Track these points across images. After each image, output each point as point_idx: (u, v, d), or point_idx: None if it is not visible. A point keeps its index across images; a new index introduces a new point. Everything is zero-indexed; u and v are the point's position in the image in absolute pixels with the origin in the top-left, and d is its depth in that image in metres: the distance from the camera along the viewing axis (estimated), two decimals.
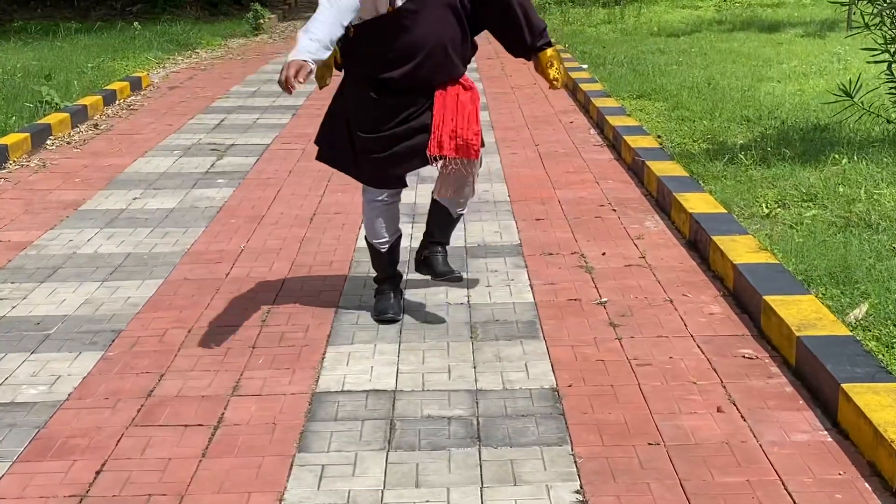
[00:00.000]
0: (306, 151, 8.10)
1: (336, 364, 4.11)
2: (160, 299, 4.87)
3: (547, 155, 7.84)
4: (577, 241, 5.68)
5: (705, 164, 6.72)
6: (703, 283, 4.97)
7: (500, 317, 4.58)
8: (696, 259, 5.31)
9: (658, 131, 7.97)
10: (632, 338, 4.31)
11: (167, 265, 5.37)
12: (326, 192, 6.84)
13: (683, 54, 12.15)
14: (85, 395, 3.87)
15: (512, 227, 5.97)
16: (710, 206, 5.73)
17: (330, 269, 5.26)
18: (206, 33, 16.15)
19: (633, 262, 5.29)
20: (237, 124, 9.34)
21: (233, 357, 4.19)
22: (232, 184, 7.10)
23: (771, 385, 3.86)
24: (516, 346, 4.26)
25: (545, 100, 10.30)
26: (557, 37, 14.87)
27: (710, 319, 4.50)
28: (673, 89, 9.58)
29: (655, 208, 6.28)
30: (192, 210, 6.44)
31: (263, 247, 5.66)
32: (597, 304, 4.71)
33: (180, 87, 11.71)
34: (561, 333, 4.38)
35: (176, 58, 14.03)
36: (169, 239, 5.83)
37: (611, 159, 7.65)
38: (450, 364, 4.09)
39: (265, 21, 17.86)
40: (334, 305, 4.74)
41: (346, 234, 5.87)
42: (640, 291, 4.86)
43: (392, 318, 4.47)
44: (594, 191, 6.74)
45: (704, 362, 4.06)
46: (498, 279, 5.08)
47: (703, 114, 8.42)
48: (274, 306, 4.75)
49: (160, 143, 8.48)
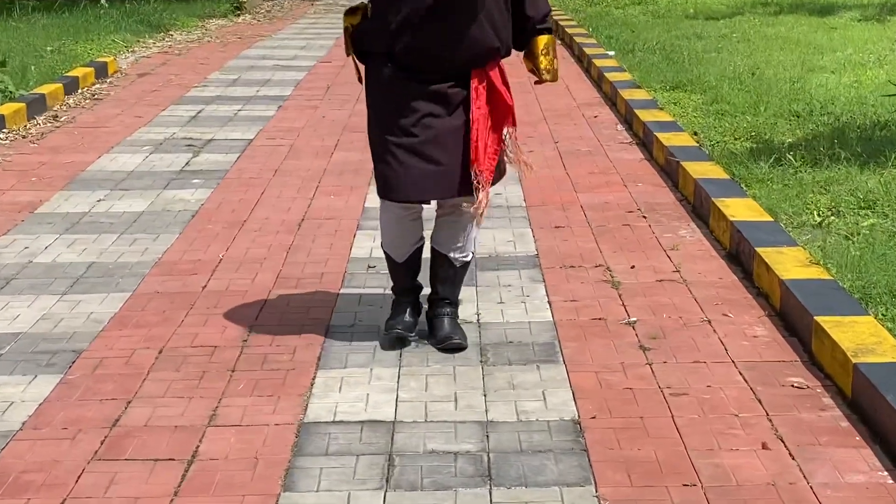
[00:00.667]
0: (294, 147, 8.11)
1: (327, 390, 4.10)
2: (127, 315, 4.87)
3: (568, 154, 7.84)
4: (601, 251, 5.68)
5: (748, 166, 6.72)
6: (746, 301, 4.96)
7: (514, 338, 4.58)
8: (738, 274, 5.31)
9: (695, 127, 7.97)
10: (664, 363, 4.31)
11: (135, 277, 5.37)
12: (317, 194, 6.85)
13: (724, 40, 12.16)
14: (41, 424, 3.87)
15: (528, 235, 5.97)
16: (753, 214, 5.73)
17: (320, 283, 5.26)
18: (182, 13, 16.21)
19: (665, 277, 5.28)
20: (216, 116, 9.36)
21: (209, 382, 4.19)
22: (209, 184, 7.11)
23: (823, 418, 3.85)
24: (532, 371, 4.25)
25: (566, 91, 10.32)
26: (580, 19, 14.92)
27: (754, 343, 4.49)
28: (712, 80, 9.59)
29: (692, 215, 6.28)
30: (164, 214, 6.45)
31: (245, 256, 5.67)
32: (624, 325, 4.70)
33: (152, 73, 11.73)
34: (583, 357, 4.37)
35: (147, 41, 14.07)
36: (137, 247, 5.84)
37: (641, 159, 7.65)
38: (456, 391, 4.08)
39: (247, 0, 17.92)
40: (325, 324, 4.74)
41: (339, 241, 5.88)
42: (674, 310, 4.86)
43: (400, 336, 4.46)
44: (622, 195, 6.74)
45: (747, 392, 4.05)
46: (511, 295, 5.08)
47: (747, 108, 8.43)
48: (256, 324, 4.75)
49: (128, 138, 8.50)
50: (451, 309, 4.54)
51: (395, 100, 4.18)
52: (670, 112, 8.51)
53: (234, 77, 11.52)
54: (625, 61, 11.06)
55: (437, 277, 4.56)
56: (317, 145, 8.19)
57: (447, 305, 4.54)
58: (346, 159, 7.71)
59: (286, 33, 15.66)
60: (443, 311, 4.52)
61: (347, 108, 9.49)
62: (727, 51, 11.35)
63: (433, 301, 4.57)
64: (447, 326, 4.48)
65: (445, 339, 4.43)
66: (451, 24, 4.07)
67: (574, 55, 12.64)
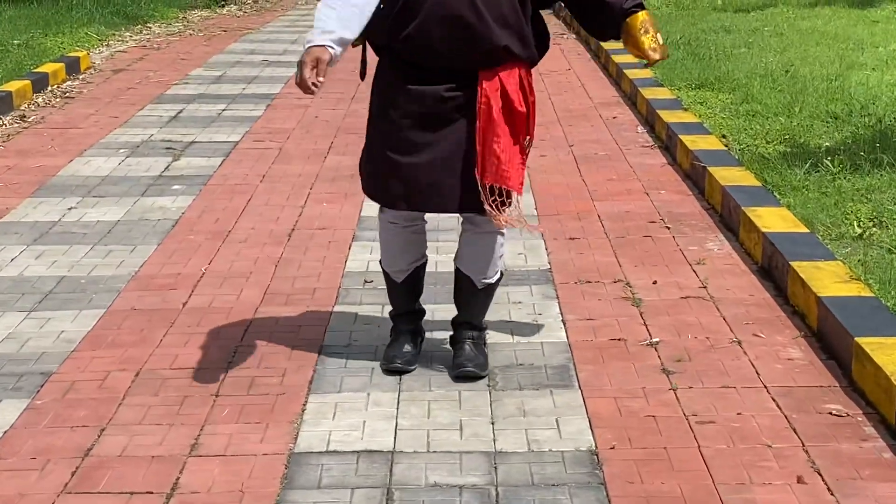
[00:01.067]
0: (284, 150, 8.13)
1: (320, 417, 4.10)
2: (101, 334, 4.88)
3: (584, 158, 7.85)
4: (621, 266, 5.68)
5: (782, 172, 6.72)
6: (780, 320, 4.96)
7: (525, 360, 4.58)
8: (771, 290, 5.31)
9: (723, 130, 7.98)
10: (690, 388, 4.30)
11: (110, 292, 5.38)
12: (308, 201, 6.86)
13: (754, 34, 12.18)
14: (7, 453, 3.87)
15: (540, 247, 5.98)
16: (788, 224, 5.74)
17: (312, 299, 5.26)
18: (161, 4, 16.26)
19: (691, 294, 5.28)
20: (198, 117, 9.38)
21: (191, 407, 4.19)
22: (191, 191, 7.12)
23: (864, 450, 3.84)
24: (545, 397, 4.25)
25: (581, 89, 10.33)
26: None
27: (789, 366, 4.49)
28: (741, 77, 9.60)
29: (719, 226, 6.29)
30: (142, 223, 6.46)
31: (230, 270, 5.67)
32: (646, 346, 4.70)
33: (128, 70, 11.76)
34: (601, 382, 4.37)
35: (123, 34, 14.11)
36: (112, 259, 5.84)
37: (664, 164, 7.66)
38: (462, 419, 4.08)
39: None
40: (318, 344, 4.74)
41: (333, 254, 5.88)
42: (701, 330, 4.86)
43: (400, 369, 4.43)
44: (643, 203, 6.75)
45: (781, 420, 4.05)
46: (522, 313, 5.08)
47: (780, 108, 8.44)
48: (242, 344, 4.75)
49: (102, 140, 8.52)
50: (473, 333, 4.51)
51: (395, 98, 4.18)
52: (696, 113, 8.52)
53: (217, 73, 11.55)
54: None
55: (459, 299, 4.55)
56: (308, 148, 8.20)
57: (469, 329, 4.51)
58: (341, 164, 7.72)
59: (275, 26, 15.70)
60: (464, 335, 4.50)
61: (342, 108, 9.49)
62: (758, 46, 11.36)
63: (456, 324, 4.56)
64: (466, 353, 4.45)
65: (458, 366, 4.41)
66: (452, 18, 4.06)
67: (590, 51, 12.67)
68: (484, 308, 4.57)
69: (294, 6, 18.19)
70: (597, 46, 12.32)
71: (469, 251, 4.43)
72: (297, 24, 15.71)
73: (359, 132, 8.09)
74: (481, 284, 4.47)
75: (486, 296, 4.52)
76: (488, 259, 4.43)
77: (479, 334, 4.53)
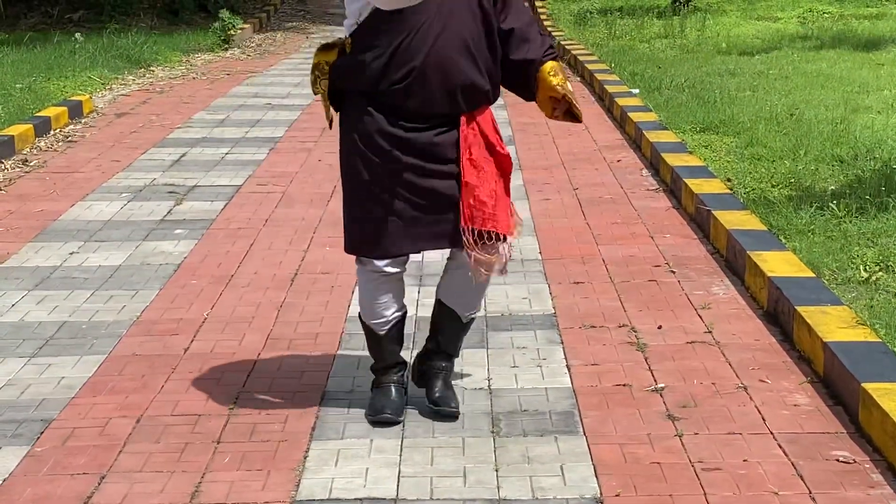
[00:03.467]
0: (287, 194, 8.15)
1: (322, 464, 4.10)
2: (102, 380, 4.88)
3: (588, 202, 7.87)
4: (625, 310, 5.68)
5: (787, 216, 6.73)
6: (786, 365, 4.96)
7: (530, 406, 4.58)
8: (777, 335, 5.31)
9: (728, 173, 8.00)
10: (696, 435, 4.30)
11: (111, 337, 5.38)
12: (311, 246, 6.87)
13: (759, 77, 12.23)
14: (6, 501, 3.86)
15: (544, 291, 5.98)
16: (793, 269, 5.74)
17: (315, 345, 5.27)
18: (164, 47, 16.36)
19: (696, 339, 5.28)
20: (201, 161, 9.42)
21: (192, 454, 4.18)
22: (193, 235, 7.14)
23: (872, 497, 3.83)
24: (549, 443, 4.25)
25: (586, 132, 10.37)
26: (601, 54, 15.01)
27: (795, 412, 4.49)
28: (746, 121, 9.63)
29: (725, 270, 6.29)
30: (144, 268, 6.48)
31: (232, 315, 5.68)
32: (651, 392, 4.70)
33: (131, 113, 11.82)
34: (606, 428, 4.36)
35: (126, 77, 14.19)
36: (114, 304, 5.85)
37: (668, 208, 7.67)
38: (465, 466, 4.08)
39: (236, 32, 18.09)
40: (320, 390, 4.74)
41: (336, 299, 5.89)
42: (707, 376, 4.86)
43: (390, 420, 4.41)
44: (647, 247, 6.76)
45: (788, 467, 4.04)
46: (526, 358, 5.08)
47: (785, 152, 8.46)
48: (244, 390, 4.75)
49: (105, 184, 8.55)
50: (447, 364, 4.56)
51: (374, 146, 4.20)
52: (701, 156, 8.54)
53: (221, 117, 11.60)
54: (650, 100, 11.12)
55: (438, 330, 4.57)
56: (312, 192, 8.23)
57: (445, 360, 4.55)
58: None
59: (279, 69, 15.79)
60: (438, 365, 4.54)
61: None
62: (763, 89, 11.41)
63: (430, 352, 4.58)
64: (440, 387, 4.50)
65: (440, 402, 4.45)
66: (450, 62, 4.11)
67: (595, 93, 12.73)
68: (462, 339, 4.62)
69: (297, 50, 18.29)
70: (601, 89, 12.37)
71: (457, 285, 4.45)
72: (300, 68, 15.79)
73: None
74: (466, 318, 4.53)
75: (468, 327, 4.60)
76: (477, 293, 4.48)
77: (450, 366, 4.58)
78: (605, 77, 12.78)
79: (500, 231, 4.26)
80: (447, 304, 4.51)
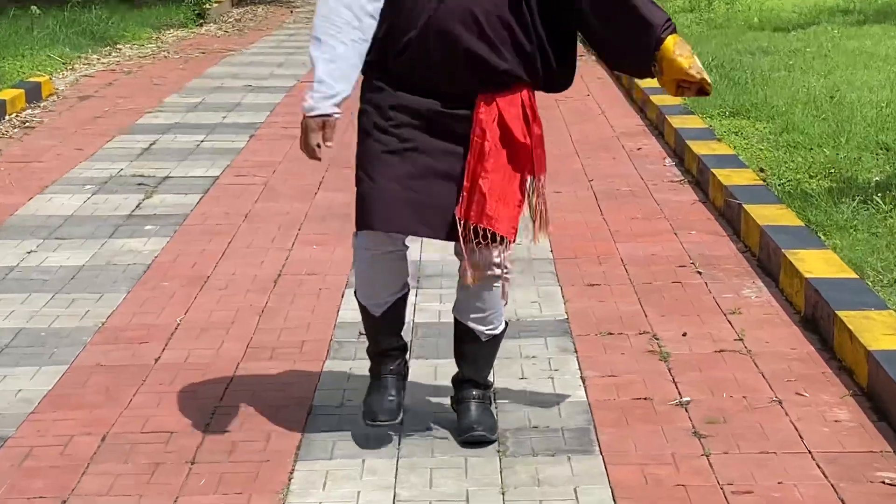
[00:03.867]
0: (269, 186, 8.15)
1: (308, 487, 4.10)
2: (63, 394, 4.88)
3: (605, 194, 7.87)
4: (646, 315, 5.69)
5: (827, 210, 6.74)
6: (825, 376, 4.96)
7: (540, 422, 4.58)
8: (815, 343, 5.31)
9: (761, 163, 8.00)
10: (725, 454, 4.30)
11: (73, 346, 5.38)
12: (296, 243, 6.87)
13: (795, 55, 12.23)
14: None
15: (556, 295, 5.98)
16: (834, 269, 5.74)
17: (301, 354, 5.27)
18: (132, 23, 16.37)
19: (726, 347, 5.29)
20: (173, 149, 9.42)
21: (164, 476, 4.18)
22: (165, 232, 7.14)
23: None
24: (562, 463, 4.25)
25: (602, 117, 10.38)
26: None
27: (836, 429, 4.49)
28: (781, 104, 9.63)
29: (757, 271, 6.30)
30: (110, 269, 6.48)
31: (208, 321, 5.69)
32: (675, 406, 4.70)
33: (95, 96, 11.82)
34: (625, 446, 4.37)
35: (90, 56, 14.19)
36: (76, 309, 5.86)
37: (694, 201, 7.68)
38: (468, 489, 4.08)
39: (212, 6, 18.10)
40: (306, 404, 4.74)
41: (324, 303, 5.89)
42: (737, 388, 4.86)
43: (386, 423, 4.40)
44: (671, 245, 6.76)
45: (828, 490, 4.04)
46: (536, 369, 5.08)
47: (824, 139, 8.46)
48: (222, 405, 4.75)
49: (66, 175, 8.55)
50: (478, 392, 4.49)
51: (383, 119, 4.21)
52: (730, 144, 8.54)
53: (195, 101, 11.60)
54: None
55: (459, 353, 4.53)
56: (297, 184, 8.23)
57: (473, 387, 4.49)
58: (333, 201, 7.75)
59: (259, 47, 15.80)
60: (468, 394, 4.48)
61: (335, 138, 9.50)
62: (800, 69, 11.41)
63: (458, 383, 4.55)
64: (472, 414, 4.42)
65: (466, 430, 4.39)
66: (449, 35, 4.09)
67: (613, 75, 12.73)
68: (489, 363, 4.56)
69: (280, 25, 18.30)
70: None
71: (466, 296, 4.43)
72: (283, 46, 15.81)
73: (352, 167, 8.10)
74: (485, 336, 4.46)
75: (490, 348, 4.52)
76: (491, 306, 4.42)
77: (484, 392, 4.52)
78: None
79: (498, 232, 4.21)
80: (461, 321, 4.47)
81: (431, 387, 4.87)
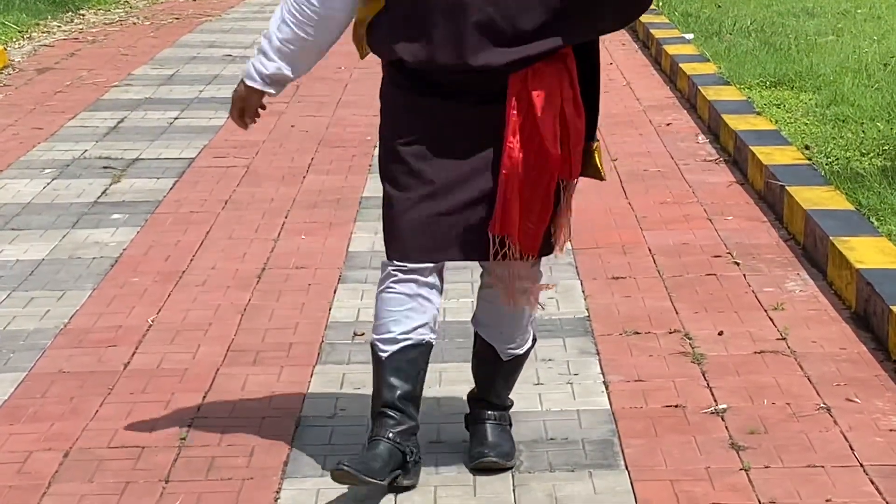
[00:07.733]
0: (252, 169, 8.15)
1: None
2: (20, 404, 4.88)
3: (630, 176, 7.86)
4: (677, 312, 5.68)
5: (881, 192, 6.73)
6: (879, 380, 4.96)
7: (558, 433, 4.58)
8: (868, 342, 5.30)
9: (806, 139, 7.99)
10: (766, 468, 4.30)
11: (32, 350, 5.39)
12: (283, 233, 6.87)
13: (844, 18, 12.21)
14: None
15: (575, 289, 5.99)
16: (889, 259, 5.74)
17: (288, 357, 5.27)
18: None
19: (767, 348, 5.29)
20: (144, 127, 9.43)
21: (134, 496, 4.18)
22: (135, 221, 7.14)
23: None
24: (583, 479, 4.25)
25: (627, 88, 10.37)
26: None
27: (891, 440, 4.48)
28: (829, 73, 9.62)
29: (802, 261, 6.29)
30: (73, 263, 6.48)
31: (183, 321, 5.69)
32: (710, 414, 4.70)
33: (56, 68, 11.82)
34: (654, 460, 4.37)
35: (49, 23, 14.19)
36: (35, 308, 5.86)
37: (731, 183, 7.67)
38: None
39: None
40: (294, 414, 4.74)
41: (314, 300, 5.89)
42: (780, 394, 4.86)
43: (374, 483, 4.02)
44: (705, 233, 6.76)
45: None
46: (553, 373, 5.08)
47: (877, 112, 8.45)
48: (199, 416, 4.76)
49: (23, 158, 8.56)
50: (493, 413, 4.42)
51: (403, 123, 4.08)
52: (771, 118, 8.53)
53: (168, 72, 11.60)
54: (708, 48, 11.10)
55: (478, 372, 4.46)
56: (283, 166, 8.23)
57: (488, 408, 4.42)
58: (324, 185, 7.75)
59: (240, 11, 15.80)
60: (483, 415, 4.41)
61: (324, 114, 9.52)
62: (849, 33, 11.39)
63: (472, 400, 4.50)
64: (487, 438, 4.34)
65: (477, 455, 4.29)
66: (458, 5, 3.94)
67: (638, 40, 12.72)
68: (508, 385, 4.47)
69: None
70: (646, 35, 12.36)
71: (490, 312, 4.32)
72: (266, 10, 15.79)
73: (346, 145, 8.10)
74: (507, 356, 4.36)
75: (512, 370, 4.43)
76: (516, 323, 4.33)
77: (502, 413, 4.45)
78: (652, 19, 12.77)
79: (524, 251, 4.10)
80: (482, 336, 4.38)
81: (436, 394, 4.86)
